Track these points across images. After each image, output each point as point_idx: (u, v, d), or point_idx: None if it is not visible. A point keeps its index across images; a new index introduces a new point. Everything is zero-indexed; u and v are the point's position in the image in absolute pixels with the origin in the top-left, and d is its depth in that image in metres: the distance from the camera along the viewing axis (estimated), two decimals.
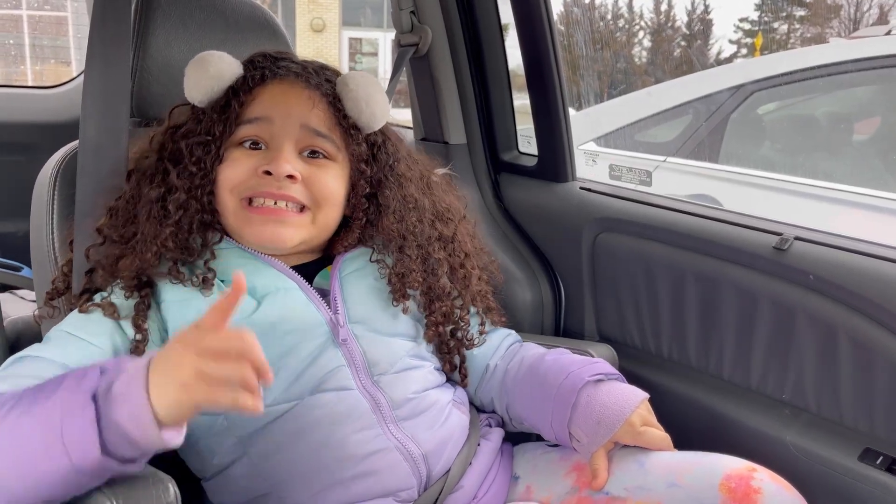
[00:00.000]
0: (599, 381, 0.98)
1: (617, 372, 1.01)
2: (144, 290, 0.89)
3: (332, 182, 0.95)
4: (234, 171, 0.91)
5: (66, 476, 0.68)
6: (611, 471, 0.94)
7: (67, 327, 0.86)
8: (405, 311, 0.99)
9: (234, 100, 0.92)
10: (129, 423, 0.67)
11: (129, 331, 0.87)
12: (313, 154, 0.94)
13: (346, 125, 0.96)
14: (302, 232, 0.93)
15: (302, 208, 0.93)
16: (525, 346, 1.13)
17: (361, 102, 0.95)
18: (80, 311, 0.88)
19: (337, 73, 1.00)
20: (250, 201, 0.92)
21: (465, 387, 1.08)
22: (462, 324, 1.06)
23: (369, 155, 0.99)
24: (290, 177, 0.90)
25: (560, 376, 0.99)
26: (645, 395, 0.98)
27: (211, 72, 0.92)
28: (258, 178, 0.90)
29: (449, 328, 1.04)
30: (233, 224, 0.93)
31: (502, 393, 1.07)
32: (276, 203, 0.90)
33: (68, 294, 0.94)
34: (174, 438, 0.70)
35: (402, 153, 1.04)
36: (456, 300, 1.05)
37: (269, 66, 0.95)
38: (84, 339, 0.85)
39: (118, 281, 0.89)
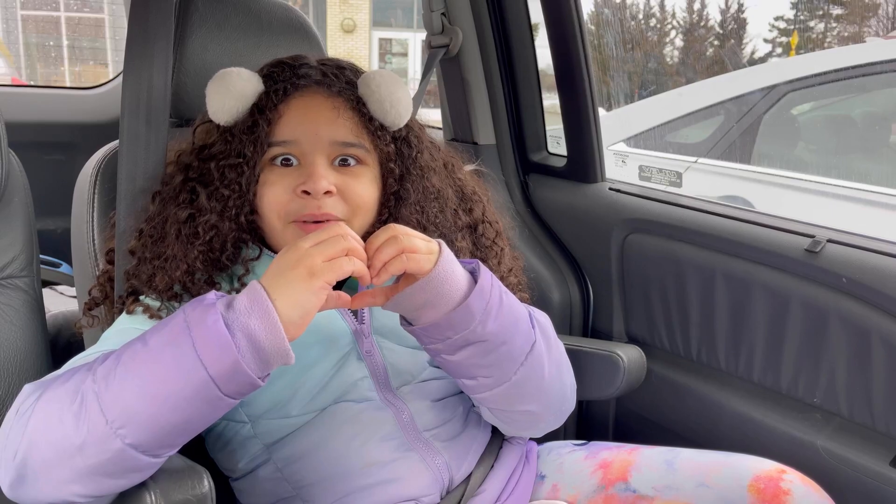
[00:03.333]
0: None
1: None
2: (192, 289, 0.90)
3: (366, 189, 0.93)
4: (274, 195, 0.90)
5: (202, 390, 0.68)
6: (639, 469, 0.94)
7: (131, 324, 0.87)
8: None
9: (260, 119, 0.90)
10: (259, 330, 0.68)
11: None
12: (344, 161, 0.92)
13: (373, 127, 0.94)
14: None
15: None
16: None
17: (386, 103, 0.94)
18: (128, 313, 0.89)
19: (356, 71, 0.98)
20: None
21: None
22: None
23: (396, 151, 0.98)
24: (327, 192, 0.89)
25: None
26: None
27: (233, 92, 0.91)
28: (299, 201, 0.89)
29: None
30: (281, 243, 0.91)
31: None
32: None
33: (107, 303, 0.95)
34: (292, 356, 0.71)
35: (426, 143, 1.02)
36: None
37: (290, 77, 0.93)
38: None
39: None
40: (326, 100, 0.92)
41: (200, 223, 0.89)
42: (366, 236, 0.97)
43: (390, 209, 0.98)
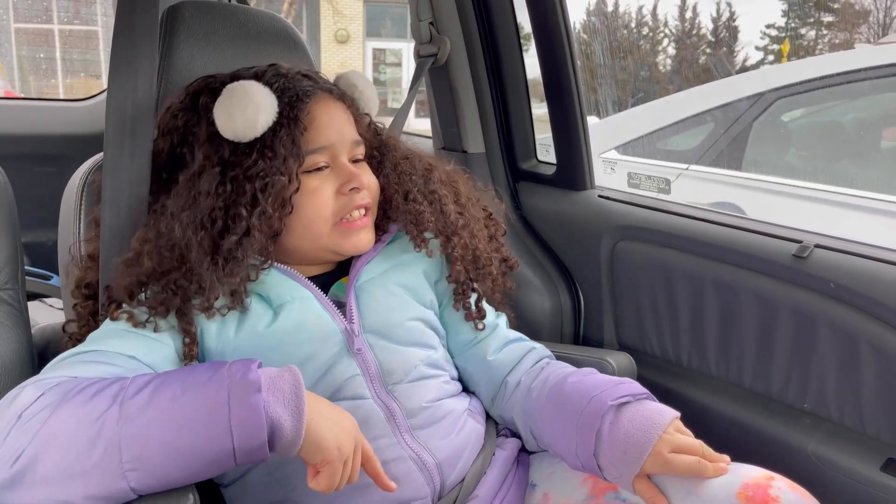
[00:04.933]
0: (624, 403, 0.92)
1: (644, 390, 0.94)
2: (185, 302, 0.89)
3: (373, 178, 1.03)
4: (323, 200, 0.95)
5: (221, 457, 0.71)
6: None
7: (119, 325, 0.87)
8: (429, 254, 1.04)
9: (295, 130, 0.92)
10: (286, 423, 0.73)
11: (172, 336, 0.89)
12: (356, 160, 1.01)
13: (363, 122, 1.05)
14: (372, 232, 1.01)
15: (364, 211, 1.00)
16: (551, 364, 1.08)
17: (371, 102, 1.07)
18: (112, 320, 0.88)
19: (323, 76, 1.06)
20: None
21: (480, 329, 1.08)
22: (480, 249, 1.09)
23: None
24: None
25: (582, 401, 0.93)
26: (673, 416, 0.90)
27: (262, 105, 0.90)
28: (347, 197, 0.96)
29: (469, 259, 1.07)
30: (327, 243, 0.96)
31: (525, 414, 1.04)
32: (358, 212, 0.97)
33: (87, 316, 0.95)
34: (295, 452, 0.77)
35: (384, 129, 1.13)
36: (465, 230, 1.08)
37: (301, 87, 0.96)
38: (145, 335, 0.86)
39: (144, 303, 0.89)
40: (336, 103, 1.00)
41: (247, 247, 0.88)
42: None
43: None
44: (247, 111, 0.89)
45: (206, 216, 0.88)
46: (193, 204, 0.89)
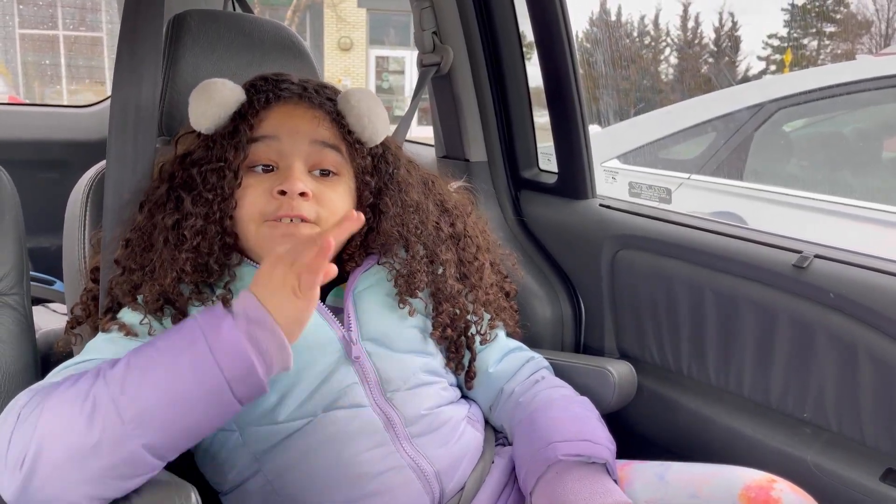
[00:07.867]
0: (580, 461, 0.91)
1: (605, 457, 0.92)
2: (178, 302, 0.91)
3: (340, 199, 0.97)
4: (252, 197, 0.92)
5: (217, 393, 0.72)
6: (631, 484, 0.95)
7: (113, 335, 0.88)
8: (411, 313, 0.99)
9: (242, 124, 0.94)
10: (264, 338, 0.74)
11: None
12: (323, 173, 0.96)
13: (351, 140, 0.98)
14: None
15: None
16: (546, 380, 1.09)
17: (364, 118, 0.98)
18: (104, 331, 0.89)
19: (336, 91, 1.02)
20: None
21: (469, 388, 1.08)
22: (475, 317, 1.06)
23: (372, 167, 1.01)
24: (303, 194, 0.91)
25: (541, 443, 0.94)
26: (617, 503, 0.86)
27: (216, 100, 0.94)
28: (274, 201, 0.92)
29: (458, 329, 1.05)
30: (254, 246, 0.95)
31: (511, 424, 1.05)
32: (291, 221, 0.92)
33: (90, 321, 0.96)
34: (291, 360, 0.77)
35: (403, 160, 1.06)
36: (468, 295, 1.06)
37: (272, 88, 0.97)
38: (141, 341, 0.86)
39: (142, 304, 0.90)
40: (308, 110, 0.97)
41: (186, 227, 0.91)
42: (347, 244, 1.00)
43: (370, 222, 1.01)
44: (200, 102, 0.94)
45: (164, 197, 0.94)
46: (158, 188, 0.95)
